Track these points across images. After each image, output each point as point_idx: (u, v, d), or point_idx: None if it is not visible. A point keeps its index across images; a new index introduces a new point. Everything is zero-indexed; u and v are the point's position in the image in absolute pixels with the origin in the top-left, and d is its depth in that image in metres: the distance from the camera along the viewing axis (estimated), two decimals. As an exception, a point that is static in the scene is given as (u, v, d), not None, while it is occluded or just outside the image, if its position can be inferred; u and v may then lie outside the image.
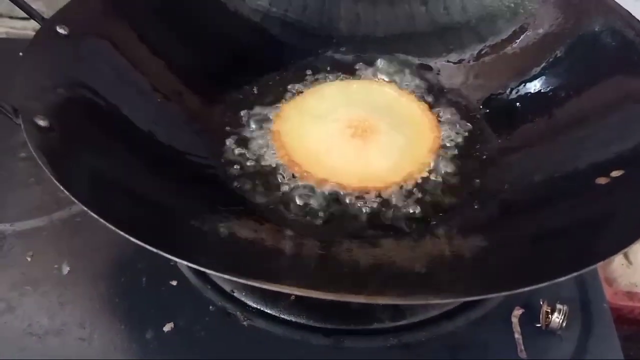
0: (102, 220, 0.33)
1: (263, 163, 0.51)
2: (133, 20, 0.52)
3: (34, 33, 0.89)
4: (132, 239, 0.32)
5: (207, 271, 0.35)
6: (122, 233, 0.33)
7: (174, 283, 0.47)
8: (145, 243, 0.32)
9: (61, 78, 0.44)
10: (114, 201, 0.38)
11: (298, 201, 0.47)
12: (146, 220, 0.38)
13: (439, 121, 0.54)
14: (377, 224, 0.46)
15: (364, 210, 0.47)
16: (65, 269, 0.48)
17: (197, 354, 0.43)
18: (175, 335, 0.44)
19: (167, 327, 0.44)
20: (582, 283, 0.48)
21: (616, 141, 0.45)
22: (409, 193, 0.48)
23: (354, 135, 0.51)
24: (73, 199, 0.34)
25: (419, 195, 0.48)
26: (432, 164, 0.50)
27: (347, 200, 0.47)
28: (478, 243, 0.42)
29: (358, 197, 0.47)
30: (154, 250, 0.32)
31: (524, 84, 0.54)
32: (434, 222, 0.46)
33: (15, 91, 0.41)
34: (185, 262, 0.33)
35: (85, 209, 0.34)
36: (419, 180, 0.49)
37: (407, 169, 0.49)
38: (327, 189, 0.48)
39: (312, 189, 0.48)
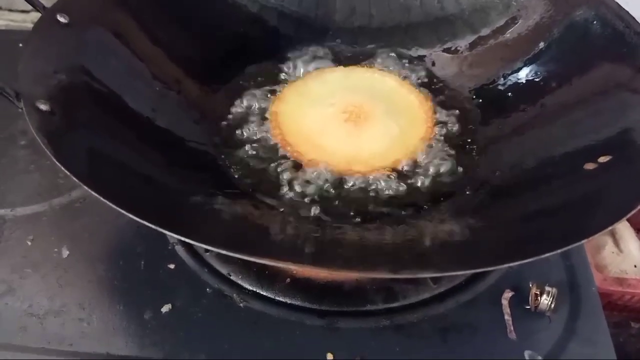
0: (100, 197, 0.34)
1: (259, 145, 0.52)
2: (133, 9, 0.52)
3: (32, 24, 0.90)
4: (130, 215, 0.33)
5: (204, 246, 0.36)
6: (120, 210, 0.34)
7: (172, 266, 0.48)
8: (144, 220, 0.33)
9: (62, 64, 0.45)
10: (113, 180, 0.39)
11: (290, 183, 0.48)
12: (144, 198, 0.39)
13: (433, 109, 0.55)
14: (367, 206, 0.47)
15: (355, 192, 0.48)
16: (65, 253, 0.49)
17: (194, 334, 0.44)
18: (172, 316, 0.45)
19: (165, 309, 0.45)
20: (571, 267, 0.49)
21: (604, 128, 0.46)
22: (401, 177, 0.49)
23: (347, 120, 0.53)
24: (73, 177, 0.35)
25: (411, 180, 0.49)
26: (424, 151, 0.51)
27: (339, 182, 0.48)
28: (468, 225, 0.43)
29: (348, 180, 0.49)
30: (152, 226, 0.33)
31: (515, 74, 0.55)
32: (426, 207, 0.47)
33: (17, 77, 0.41)
34: (182, 238, 0.34)
35: (85, 187, 0.34)
36: (410, 166, 0.50)
37: (397, 155, 0.50)
38: (317, 170, 0.49)
39: (302, 170, 0.49)
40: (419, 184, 0.49)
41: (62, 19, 0.48)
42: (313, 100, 0.55)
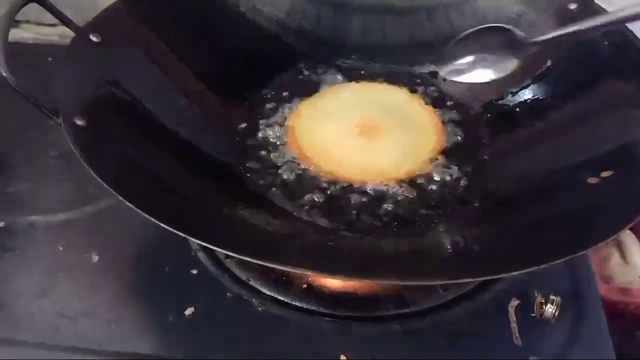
0: (132, 205, 0.37)
1: (276, 157, 0.54)
2: (160, 30, 0.55)
3: (59, 39, 0.93)
4: (158, 222, 0.36)
5: (226, 252, 0.38)
6: (149, 217, 0.36)
7: (194, 272, 0.51)
8: (170, 226, 0.36)
9: (95, 81, 0.48)
10: (141, 190, 0.41)
11: (306, 193, 0.51)
12: (170, 207, 0.41)
13: (443, 123, 0.57)
14: (379, 216, 0.49)
15: (368, 203, 0.50)
16: (95, 258, 0.52)
17: (215, 336, 0.47)
18: (195, 319, 0.48)
19: (188, 312, 0.48)
20: (576, 276, 0.51)
21: (608, 142, 0.48)
22: (412, 188, 0.51)
23: (360, 133, 0.55)
24: (108, 187, 0.38)
25: (420, 190, 0.51)
26: (433, 163, 0.53)
27: (352, 192, 0.51)
28: (476, 235, 0.45)
29: (361, 190, 0.51)
30: (177, 232, 0.36)
31: (523, 90, 0.57)
32: (433, 217, 0.49)
33: (54, 94, 0.44)
34: (205, 244, 0.37)
35: (119, 196, 0.37)
36: (420, 177, 0.52)
37: (408, 166, 0.53)
38: (333, 181, 0.52)
39: (319, 181, 0.52)
40: (428, 195, 0.51)
41: (94, 38, 0.51)
42: (328, 115, 0.57)
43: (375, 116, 0.57)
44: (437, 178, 0.52)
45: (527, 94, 0.57)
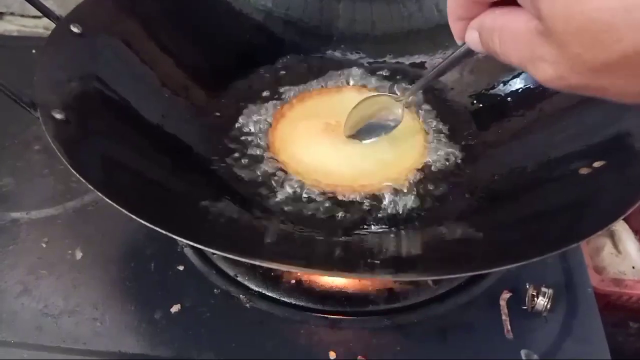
0: (113, 203, 0.36)
1: (260, 153, 0.53)
2: (143, 20, 0.54)
3: (44, 31, 0.92)
4: (140, 220, 0.35)
5: (211, 251, 0.37)
6: (130, 215, 0.35)
7: (181, 268, 0.50)
8: (153, 225, 0.35)
9: (76, 73, 0.47)
10: (124, 186, 0.41)
11: (290, 192, 0.49)
12: (153, 204, 0.41)
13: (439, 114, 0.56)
14: (366, 210, 0.48)
15: (358, 201, 0.49)
16: (79, 255, 0.51)
17: (202, 333, 0.46)
18: (182, 316, 0.47)
19: (175, 309, 0.47)
20: (568, 268, 0.50)
21: (600, 132, 0.47)
22: (400, 187, 0.50)
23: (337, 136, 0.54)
24: (87, 184, 0.37)
25: (411, 188, 0.50)
26: (423, 159, 0.52)
27: (340, 196, 0.49)
28: (468, 228, 0.44)
29: (350, 192, 0.50)
30: (161, 230, 0.35)
31: (514, 79, 0.57)
32: (425, 211, 0.49)
33: (33, 87, 0.43)
34: (189, 242, 0.36)
35: (99, 193, 0.36)
36: (410, 176, 0.51)
37: (396, 169, 0.52)
38: (321, 186, 0.50)
39: (301, 184, 0.50)
40: (415, 189, 0.50)
41: (75, 29, 0.50)
42: (308, 118, 0.56)
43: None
44: (426, 171, 0.51)
45: (518, 83, 0.56)
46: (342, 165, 0.52)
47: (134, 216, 0.35)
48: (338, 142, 0.53)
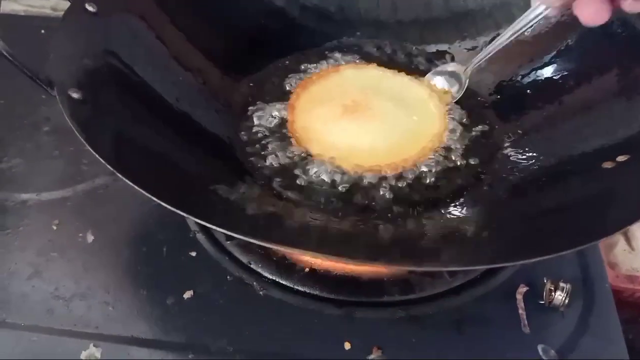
0: (131, 183, 0.35)
1: (275, 137, 0.52)
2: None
3: (51, 11, 0.90)
4: (155, 199, 0.34)
5: (223, 231, 0.36)
6: (146, 193, 0.34)
7: (193, 254, 0.50)
8: (170, 205, 0.34)
9: (91, 52, 0.46)
10: (140, 166, 0.40)
11: (309, 177, 0.49)
12: (170, 184, 0.40)
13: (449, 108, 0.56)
14: (383, 200, 0.47)
15: (371, 186, 0.48)
16: (90, 238, 0.51)
17: (215, 320, 0.45)
18: (194, 302, 0.46)
19: (187, 295, 0.47)
20: (585, 263, 0.50)
21: (622, 127, 0.46)
22: (418, 173, 0.49)
23: (355, 117, 0.53)
24: (105, 164, 0.36)
25: (428, 175, 0.49)
26: (441, 147, 0.51)
27: (357, 179, 0.49)
28: (486, 220, 0.44)
29: (365, 177, 0.49)
30: (177, 211, 0.34)
31: (535, 71, 0.56)
32: (443, 202, 0.48)
33: (49, 66, 0.42)
34: (203, 223, 0.35)
35: (118, 173, 0.35)
36: (427, 162, 0.50)
37: (411, 151, 0.50)
38: (329, 164, 0.49)
39: (322, 166, 0.49)
40: (435, 180, 0.49)
41: (90, 7, 0.49)
42: (326, 98, 0.55)
43: (376, 100, 0.54)
44: (445, 163, 0.50)
45: (538, 75, 0.56)
46: (357, 142, 0.51)
47: (150, 195, 0.34)
48: (353, 124, 0.52)
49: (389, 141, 0.52)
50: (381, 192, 0.48)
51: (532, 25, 0.47)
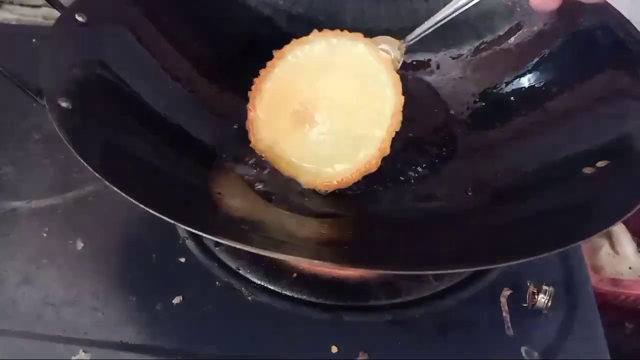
0: (120, 192, 0.35)
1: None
2: (148, 10, 0.54)
3: (43, 20, 0.91)
4: (144, 207, 0.35)
5: (212, 238, 0.37)
6: (135, 202, 0.35)
7: (183, 260, 0.50)
8: (159, 213, 0.35)
9: (81, 62, 0.46)
10: (129, 175, 0.40)
11: (291, 186, 0.49)
12: (158, 193, 0.40)
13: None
14: (366, 207, 0.49)
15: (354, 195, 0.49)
16: (80, 245, 0.51)
17: (203, 325, 0.46)
18: (183, 308, 0.47)
19: (176, 300, 0.47)
20: (568, 267, 0.51)
21: (604, 133, 0.47)
22: (398, 178, 0.51)
23: (311, 123, 0.49)
24: (94, 172, 0.36)
25: (413, 180, 0.50)
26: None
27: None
28: (470, 225, 0.44)
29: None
30: (166, 219, 0.34)
31: (518, 79, 0.57)
32: (427, 208, 0.49)
33: (35, 75, 0.43)
34: (193, 231, 0.36)
35: (107, 182, 0.36)
36: (412, 167, 0.51)
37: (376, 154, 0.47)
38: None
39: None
40: (419, 187, 0.50)
41: (80, 18, 0.49)
42: (279, 104, 0.51)
43: (323, 93, 0.49)
44: (428, 168, 0.51)
45: (522, 83, 0.57)
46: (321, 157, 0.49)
47: (140, 204, 0.35)
48: (311, 133, 0.49)
49: (336, 152, 0.49)
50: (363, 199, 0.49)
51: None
